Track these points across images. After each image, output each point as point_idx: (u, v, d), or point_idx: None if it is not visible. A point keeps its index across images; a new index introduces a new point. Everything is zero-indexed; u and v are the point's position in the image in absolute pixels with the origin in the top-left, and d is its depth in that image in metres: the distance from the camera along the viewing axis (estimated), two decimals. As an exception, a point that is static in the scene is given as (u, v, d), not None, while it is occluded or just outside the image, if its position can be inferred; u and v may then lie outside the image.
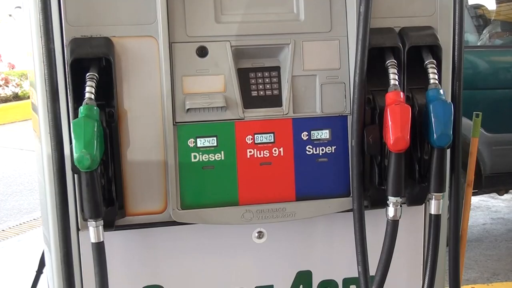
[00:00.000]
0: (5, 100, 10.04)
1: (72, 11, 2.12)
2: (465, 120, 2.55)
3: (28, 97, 9.12)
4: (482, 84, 4.73)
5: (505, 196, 6.22)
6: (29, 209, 6.53)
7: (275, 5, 2.29)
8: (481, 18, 5.37)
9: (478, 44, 5.20)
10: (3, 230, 6.04)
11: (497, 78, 4.83)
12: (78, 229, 2.21)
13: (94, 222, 2.06)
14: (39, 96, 2.17)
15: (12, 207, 6.64)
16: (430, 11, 2.34)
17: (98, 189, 2.03)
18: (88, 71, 2.08)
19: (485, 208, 6.29)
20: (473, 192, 3.88)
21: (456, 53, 2.34)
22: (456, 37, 2.34)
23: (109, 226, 2.15)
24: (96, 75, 2.07)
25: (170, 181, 2.22)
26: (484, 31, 5.23)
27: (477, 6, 5.53)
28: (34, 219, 6.21)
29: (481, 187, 4.91)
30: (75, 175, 2.10)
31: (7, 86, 10.14)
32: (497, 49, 5.12)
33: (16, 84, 10.23)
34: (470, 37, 5.29)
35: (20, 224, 6.18)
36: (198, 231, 2.35)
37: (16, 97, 10.11)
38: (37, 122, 2.29)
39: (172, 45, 2.20)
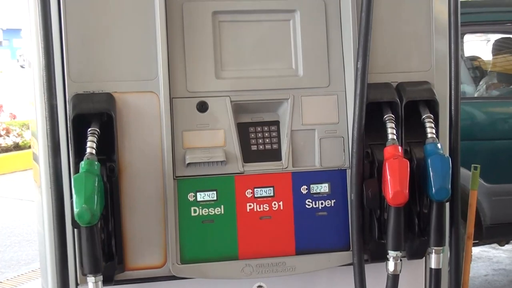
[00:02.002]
0: (6, 150, 10.07)
1: (75, 67, 2.16)
2: (464, 171, 2.56)
3: (29, 147, 9.15)
4: (480, 135, 4.76)
5: (507, 246, 6.18)
6: (28, 260, 6.47)
7: (274, 61, 2.34)
8: (478, 70, 5.45)
9: (475, 95, 5.26)
10: (0, 282, 5.97)
11: (495, 129, 4.86)
12: (77, 284, 2.20)
13: (93, 278, 2.05)
14: (40, 148, 2.20)
15: (10, 258, 6.58)
16: (426, 66, 2.38)
17: (98, 244, 2.03)
18: (89, 125, 2.11)
19: (486, 259, 6.24)
20: (474, 243, 3.87)
21: (453, 108, 2.37)
22: (453, 91, 2.38)
23: (108, 280, 2.14)
24: (98, 130, 2.09)
25: (170, 235, 2.22)
26: (481, 82, 5.29)
27: (474, 58, 5.62)
28: (32, 270, 6.15)
29: (482, 237, 4.88)
30: (75, 230, 2.10)
31: (8, 136, 10.18)
32: (494, 100, 5.18)
33: (17, 134, 10.27)
34: (467, 88, 5.34)
35: (19, 275, 6.11)
36: (198, 285, 2.33)
37: (16, 147, 10.14)
38: (38, 172, 2.31)
39: (173, 100, 2.24)
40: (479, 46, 7.38)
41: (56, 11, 2.14)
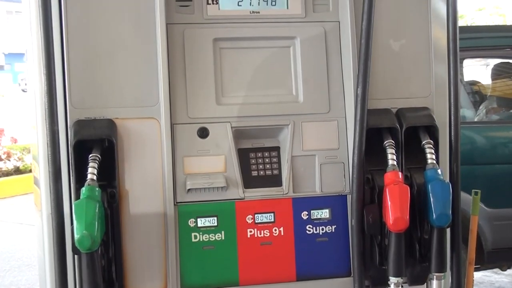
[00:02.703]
0: (7, 174, 10.05)
1: (76, 94, 2.18)
2: (464, 195, 2.56)
3: (30, 171, 9.14)
4: (480, 159, 4.76)
5: (508, 271, 6.13)
6: (28, 285, 6.43)
7: (275, 87, 2.35)
8: (477, 94, 5.46)
9: (475, 119, 5.26)
10: (0, 307, 5.94)
11: (495, 153, 4.86)
12: (77, 310, 2.19)
13: (93, 304, 2.04)
14: (41, 173, 2.20)
15: (10, 283, 6.54)
16: (426, 92, 2.40)
17: (98, 271, 2.03)
18: (90, 151, 2.11)
19: (488, 284, 6.19)
20: (475, 268, 3.85)
21: (453, 133, 2.38)
22: (452, 117, 2.38)
23: (108, 307, 2.14)
24: (99, 156, 2.10)
25: (170, 261, 2.22)
26: (480, 107, 5.31)
27: (473, 83, 5.63)
28: (32, 295, 6.12)
29: (484, 262, 4.85)
30: (76, 256, 2.10)
31: (9, 160, 10.18)
32: (494, 125, 5.19)
33: (18, 158, 10.27)
34: (467, 112, 5.35)
35: (18, 301, 6.08)
36: (198, 311, 2.32)
37: (17, 171, 10.13)
38: (38, 197, 2.31)
39: (174, 126, 2.25)
40: (478, 70, 7.42)
41: (59, 37, 2.16)
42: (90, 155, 2.10)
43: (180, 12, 2.30)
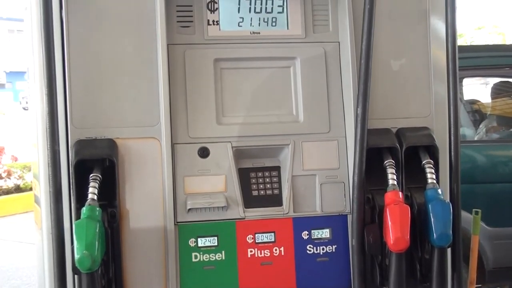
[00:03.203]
0: (7, 192, 10.04)
1: (78, 114, 2.19)
2: (465, 214, 2.56)
3: (30, 189, 9.13)
4: (481, 178, 4.76)
5: (510, 291, 6.10)
6: (27, 304, 6.41)
7: (275, 107, 2.36)
8: (477, 113, 5.47)
9: (475, 138, 5.27)
10: (-2, 327, 5.90)
11: (495, 172, 4.86)
12: (76, 331, 2.18)
13: (93, 325, 2.03)
14: (42, 193, 2.20)
15: (9, 302, 6.52)
16: (426, 112, 2.41)
17: (98, 291, 2.02)
18: (91, 171, 2.12)
19: (490, 303, 6.16)
20: (476, 287, 3.83)
21: (453, 153, 2.38)
22: (452, 137, 2.39)
23: (108, 327, 2.13)
24: (100, 176, 2.11)
25: (170, 281, 2.21)
26: (480, 126, 5.32)
27: (473, 101, 5.65)
28: (31, 315, 6.09)
29: (485, 281, 4.83)
30: (76, 276, 2.09)
31: (9, 178, 10.16)
32: (494, 144, 5.19)
33: (18, 176, 10.25)
34: (467, 131, 5.36)
35: (17, 321, 6.05)
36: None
37: (17, 189, 10.11)
38: (39, 215, 2.31)
39: (175, 146, 2.26)
40: (478, 89, 7.44)
41: (60, 57, 2.18)
42: (91, 175, 2.10)
43: (181, 32, 2.32)
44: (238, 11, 2.37)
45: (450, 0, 2.40)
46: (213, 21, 2.34)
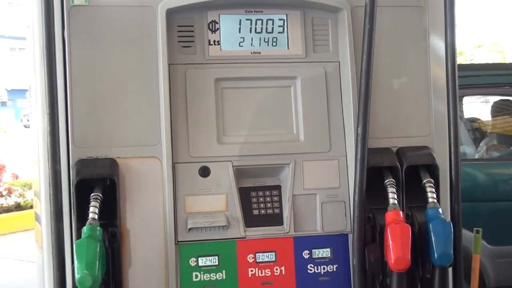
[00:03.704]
0: (7, 210, 10.02)
1: (79, 133, 2.20)
2: (466, 233, 2.56)
3: (31, 207, 9.11)
4: (481, 197, 4.75)
5: (512, 309, 6.06)
6: (26, 324, 6.37)
7: (276, 126, 2.37)
8: (478, 131, 5.48)
9: (476, 156, 5.28)
10: None
11: (496, 190, 4.86)
12: None
13: None
14: (43, 212, 2.20)
15: (8, 322, 6.48)
16: (426, 131, 2.42)
17: (99, 311, 2.02)
18: (92, 190, 2.12)
19: (492, 322, 6.12)
20: (478, 306, 3.81)
21: (453, 173, 2.39)
22: (452, 156, 2.39)
23: None
24: (100, 195, 2.11)
25: (171, 301, 2.21)
26: (481, 144, 5.32)
27: (473, 120, 5.66)
28: (30, 334, 6.05)
29: (486, 300, 4.82)
30: (76, 296, 2.09)
31: (10, 196, 10.15)
32: (494, 162, 5.19)
33: (19, 194, 10.24)
34: (468, 149, 5.37)
35: None
36: None
37: (18, 207, 10.09)
38: (40, 233, 2.31)
39: (175, 165, 2.26)
40: (478, 107, 7.45)
41: (62, 76, 2.19)
42: (92, 194, 2.10)
43: (183, 52, 2.33)
44: (239, 31, 2.38)
45: (449, 19, 2.41)
46: (214, 41, 2.36)
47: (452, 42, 2.41)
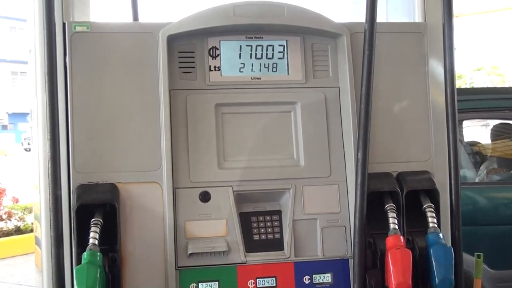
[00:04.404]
0: (7, 234, 9.99)
1: (80, 158, 2.20)
2: (467, 257, 2.55)
3: (31, 231, 9.08)
4: (482, 220, 4.74)
5: (514, 334, 6.01)
6: None
7: (276, 151, 2.38)
8: (478, 155, 5.49)
9: (476, 180, 5.28)
10: None
11: (497, 214, 4.85)
12: None
13: None
14: (43, 237, 2.20)
15: None
16: (426, 156, 2.43)
17: (98, 338, 2.01)
18: (93, 215, 2.12)
19: None
20: (481, 331, 3.78)
21: (453, 198, 2.39)
22: (453, 181, 2.40)
23: None
24: (101, 220, 2.11)
25: (170, 326, 2.20)
26: (481, 167, 5.33)
27: (473, 143, 5.68)
28: None
29: (489, 325, 4.78)
30: (76, 322, 2.08)
31: (10, 220, 10.12)
32: (495, 186, 5.19)
33: (19, 218, 10.22)
34: (468, 173, 5.37)
35: None
36: None
37: (18, 231, 10.06)
38: (40, 257, 2.30)
39: (176, 190, 2.27)
40: (478, 131, 7.46)
41: (63, 102, 2.21)
42: (92, 220, 2.10)
43: (183, 78, 2.35)
44: (240, 57, 2.40)
45: (448, 44, 2.43)
46: (215, 67, 2.38)
47: (451, 67, 2.43)
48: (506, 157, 5.44)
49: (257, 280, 2.28)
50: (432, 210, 2.28)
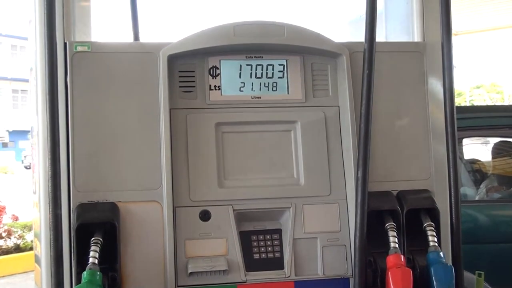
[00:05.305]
0: (6, 252, 9.96)
1: (80, 177, 2.21)
2: (468, 275, 2.54)
3: (30, 249, 9.05)
4: (483, 239, 4.74)
5: None
6: None
7: (276, 170, 2.38)
8: (478, 173, 5.50)
9: (477, 198, 5.27)
10: None
11: (498, 232, 4.85)
12: None
13: None
14: (43, 256, 2.20)
15: None
16: (426, 174, 2.43)
17: None
18: (93, 234, 2.12)
19: None
20: None
21: (453, 216, 2.39)
22: (453, 200, 2.40)
23: None
24: (101, 239, 2.11)
25: None
26: (481, 185, 5.33)
27: (473, 161, 5.68)
28: None
29: None
30: None
31: (9, 238, 10.10)
32: (495, 203, 5.19)
33: (18, 235, 10.19)
34: (468, 191, 5.37)
35: None
36: None
37: (17, 249, 10.03)
38: (39, 275, 2.29)
39: (176, 209, 2.27)
40: (478, 149, 7.47)
41: (64, 121, 2.21)
42: (92, 239, 2.10)
43: (184, 97, 2.36)
44: (240, 77, 2.42)
45: (447, 63, 2.44)
46: (215, 86, 2.39)
47: (450, 85, 2.44)
48: (506, 175, 5.45)
49: None
50: (433, 228, 2.28)
